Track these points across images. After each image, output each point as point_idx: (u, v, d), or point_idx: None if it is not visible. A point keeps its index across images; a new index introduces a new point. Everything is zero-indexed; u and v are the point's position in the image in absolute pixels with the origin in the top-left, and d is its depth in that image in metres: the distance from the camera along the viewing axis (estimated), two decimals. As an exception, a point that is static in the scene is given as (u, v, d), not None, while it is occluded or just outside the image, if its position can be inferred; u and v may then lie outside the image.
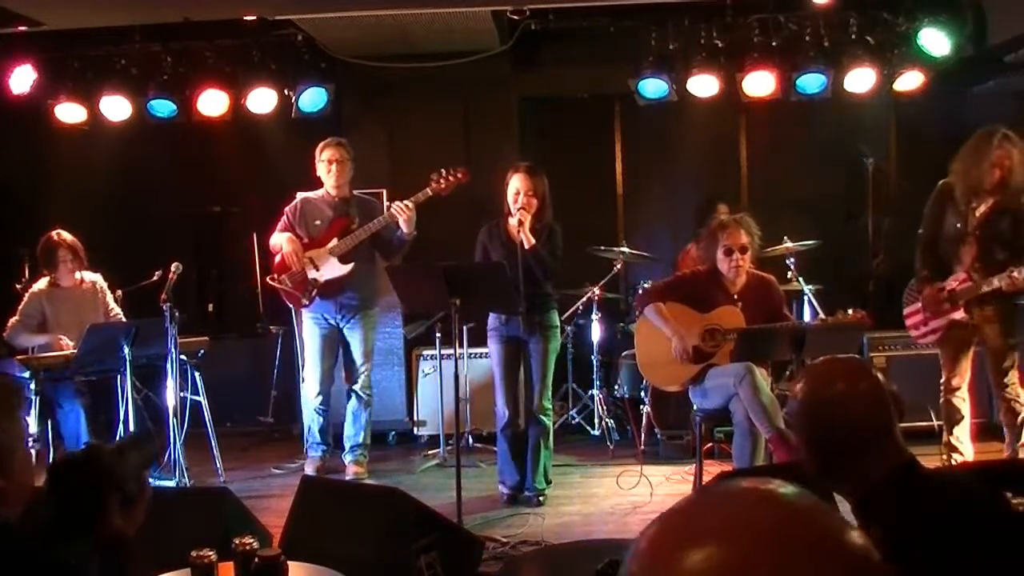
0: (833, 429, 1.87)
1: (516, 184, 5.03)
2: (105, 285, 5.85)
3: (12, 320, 5.60)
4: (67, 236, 5.64)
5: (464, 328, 6.06)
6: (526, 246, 4.91)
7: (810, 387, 1.94)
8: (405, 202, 5.40)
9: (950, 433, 5.01)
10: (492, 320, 5.18)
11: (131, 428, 5.09)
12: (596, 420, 6.57)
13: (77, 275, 5.68)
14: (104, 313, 5.74)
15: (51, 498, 1.96)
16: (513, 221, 4.97)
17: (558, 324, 5.27)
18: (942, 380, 5.06)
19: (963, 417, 5.01)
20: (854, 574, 0.74)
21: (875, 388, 1.89)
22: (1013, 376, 4.89)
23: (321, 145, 5.74)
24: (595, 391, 6.56)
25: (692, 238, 6.80)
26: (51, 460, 4.83)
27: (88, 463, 2.05)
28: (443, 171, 5.42)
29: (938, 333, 4.98)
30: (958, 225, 4.84)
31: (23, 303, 5.63)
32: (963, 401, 5.01)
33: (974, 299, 4.79)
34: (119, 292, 5.99)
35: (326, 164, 5.67)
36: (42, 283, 5.67)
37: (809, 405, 1.91)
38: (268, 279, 5.75)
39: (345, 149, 5.71)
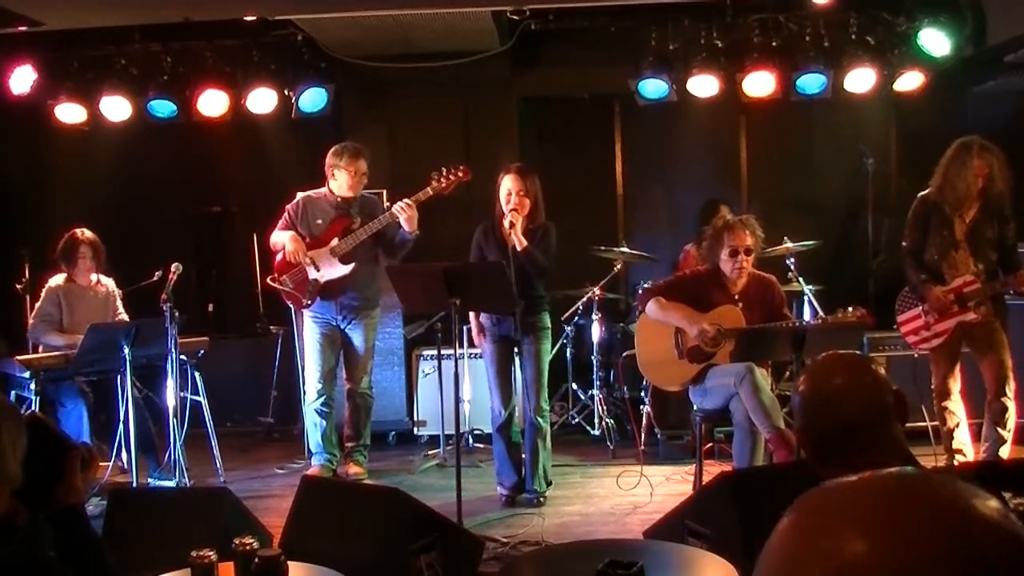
0: (831, 422, 1.88)
1: (508, 185, 5.02)
2: (118, 292, 5.86)
3: (32, 320, 5.58)
4: (90, 234, 5.67)
5: (464, 328, 6.06)
6: (518, 248, 4.90)
7: (810, 380, 1.96)
8: (405, 201, 5.34)
9: (951, 439, 5.03)
10: (483, 320, 5.18)
11: (131, 428, 5.08)
12: (596, 420, 6.56)
13: (93, 276, 5.69)
14: (112, 318, 5.74)
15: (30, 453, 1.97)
16: (506, 222, 4.97)
17: (550, 325, 5.24)
18: (934, 386, 5.08)
19: (960, 420, 5.05)
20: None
21: (875, 383, 1.89)
22: (1011, 382, 4.93)
23: (348, 154, 5.53)
24: (595, 391, 6.55)
25: (694, 238, 6.80)
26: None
27: (47, 425, 2.10)
28: (444, 170, 5.38)
29: (943, 337, 4.99)
30: (945, 233, 4.97)
31: (41, 300, 5.61)
32: (958, 404, 5.05)
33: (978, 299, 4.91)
34: (119, 292, 5.99)
35: (354, 175, 5.51)
36: (59, 278, 5.66)
37: (809, 398, 1.93)
38: (268, 280, 5.71)
39: (367, 159, 5.63)
